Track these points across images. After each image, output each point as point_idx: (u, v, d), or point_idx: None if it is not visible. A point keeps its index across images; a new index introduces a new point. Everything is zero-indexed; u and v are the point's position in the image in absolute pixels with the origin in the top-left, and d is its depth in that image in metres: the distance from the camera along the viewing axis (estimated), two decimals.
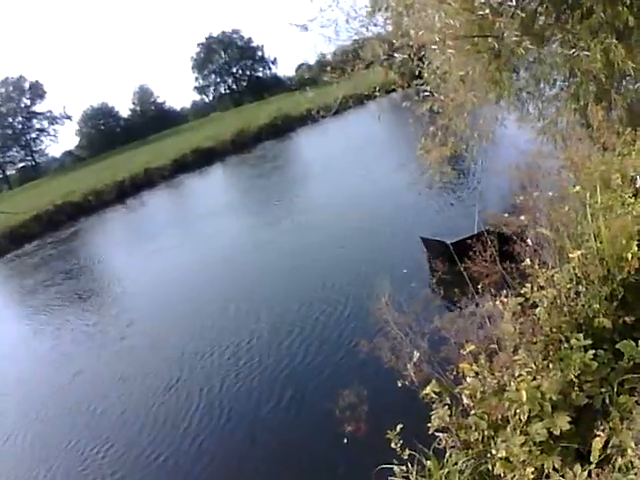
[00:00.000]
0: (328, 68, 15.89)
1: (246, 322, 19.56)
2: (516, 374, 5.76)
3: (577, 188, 9.74)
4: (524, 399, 5.30)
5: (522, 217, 9.82)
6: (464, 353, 6.36)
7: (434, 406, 6.23)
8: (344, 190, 33.94)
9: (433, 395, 6.30)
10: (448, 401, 6.28)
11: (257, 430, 13.70)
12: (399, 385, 6.83)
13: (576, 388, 5.56)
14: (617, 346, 5.99)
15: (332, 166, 42.22)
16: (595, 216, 8.58)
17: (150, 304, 26.31)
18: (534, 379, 5.51)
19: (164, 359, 19.24)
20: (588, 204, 8.87)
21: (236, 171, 60.07)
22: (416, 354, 6.78)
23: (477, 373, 6.05)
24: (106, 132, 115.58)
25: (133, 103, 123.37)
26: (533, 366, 5.66)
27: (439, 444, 6.16)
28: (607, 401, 5.57)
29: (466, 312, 7.56)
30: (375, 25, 15.22)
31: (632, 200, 8.88)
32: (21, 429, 17.50)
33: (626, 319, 6.65)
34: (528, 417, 5.33)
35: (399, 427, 6.44)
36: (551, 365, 5.75)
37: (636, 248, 7.17)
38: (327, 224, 28.52)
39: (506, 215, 10.33)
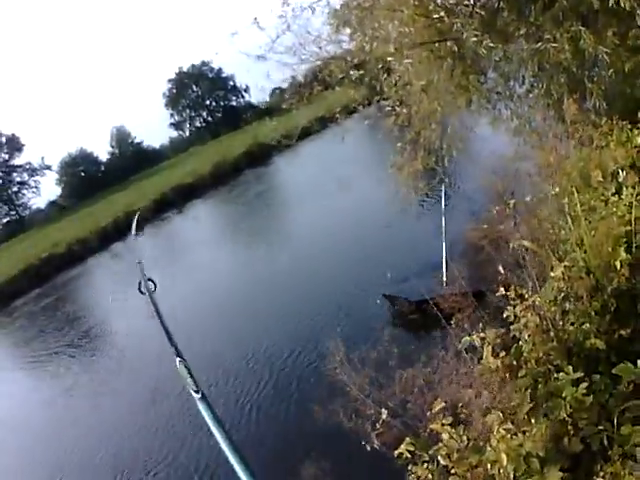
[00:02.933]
0: (285, 96, 15.51)
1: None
2: (494, 431, 5.00)
3: (555, 190, 9.13)
4: (504, 462, 4.57)
5: (501, 227, 9.27)
6: (433, 412, 5.63)
7: (410, 467, 5.52)
8: (315, 226, 33.84)
9: (408, 455, 5.56)
10: (426, 459, 5.56)
11: None
12: (367, 449, 6.13)
13: (570, 428, 4.83)
14: (614, 371, 5.22)
15: (305, 196, 42.24)
16: (577, 220, 7.91)
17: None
18: (514, 435, 4.77)
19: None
20: (568, 207, 8.21)
21: (215, 207, 60.14)
22: (384, 412, 6.05)
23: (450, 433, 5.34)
24: (87, 178, 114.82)
25: (111, 146, 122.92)
26: (510, 425, 4.87)
27: None
28: (606, 440, 4.81)
29: (441, 356, 6.90)
30: (333, 43, 14.75)
31: (615, 198, 8.20)
32: None
33: (622, 332, 6.02)
34: (514, 476, 4.59)
35: None
36: (537, 411, 5.00)
37: (624, 254, 6.49)
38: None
39: (485, 227, 9.78)
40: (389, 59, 13.03)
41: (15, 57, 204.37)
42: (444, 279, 14.16)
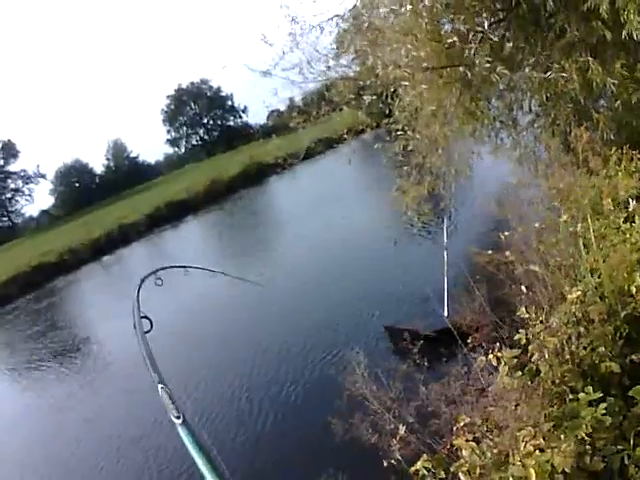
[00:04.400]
0: (293, 114, 15.44)
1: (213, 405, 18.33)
2: (521, 447, 4.99)
3: (565, 217, 9.17)
4: (532, 478, 4.54)
5: (507, 253, 9.26)
6: (457, 427, 5.62)
7: None
8: (311, 252, 32.67)
9: (424, 471, 5.53)
10: (443, 476, 5.54)
11: None
12: (384, 465, 6.09)
13: (588, 447, 4.82)
14: (630, 393, 5.27)
15: (301, 219, 41.51)
16: (589, 247, 7.96)
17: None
18: (542, 451, 4.76)
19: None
20: (580, 234, 8.25)
21: (208, 225, 59.53)
22: (402, 428, 6.03)
23: (473, 448, 5.32)
24: (81, 189, 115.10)
25: (107, 158, 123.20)
26: (541, 440, 4.86)
27: None
28: (626, 460, 4.82)
29: (456, 374, 6.86)
30: (340, 66, 14.79)
31: (627, 226, 8.26)
32: None
33: (633, 358, 6.03)
34: None
35: None
36: (558, 430, 4.99)
37: (639, 280, 6.54)
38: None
39: (490, 252, 9.76)
40: (400, 82, 13.02)
41: (15, 63, 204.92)
42: (445, 310, 13.99)
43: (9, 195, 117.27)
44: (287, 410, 16.12)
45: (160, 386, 3.76)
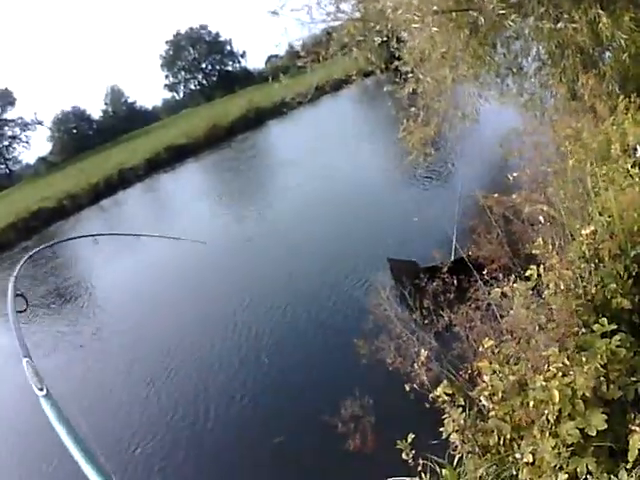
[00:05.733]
0: (302, 53, 15.38)
1: (229, 325, 18.73)
2: (544, 369, 5.17)
3: (572, 161, 9.27)
4: (556, 399, 4.73)
5: (514, 196, 9.36)
6: (482, 350, 5.78)
7: (447, 409, 5.68)
8: (312, 193, 32.29)
9: (445, 397, 5.72)
10: (462, 403, 5.73)
11: (256, 449, 12.97)
12: (407, 389, 6.27)
13: (603, 379, 5.00)
14: None
15: (305, 161, 40.77)
16: (598, 189, 8.10)
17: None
18: (564, 375, 4.93)
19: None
20: (589, 176, 8.38)
21: (209, 167, 59.01)
22: (424, 352, 6.18)
23: (495, 371, 5.50)
24: (78, 135, 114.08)
25: (105, 104, 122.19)
26: (566, 360, 5.03)
27: (454, 450, 5.60)
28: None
29: (474, 303, 7.00)
30: (348, 5, 14.74)
31: (636, 170, 8.39)
32: None
33: None
34: (557, 417, 4.77)
35: (410, 437, 5.85)
36: (577, 356, 5.16)
37: None
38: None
39: (495, 195, 9.85)
40: (410, 25, 12.99)
41: (10, 10, 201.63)
42: (453, 247, 14.03)
43: (6, 143, 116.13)
44: (313, 332, 16.53)
45: (25, 360, 3.75)
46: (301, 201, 31.34)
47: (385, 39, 14.38)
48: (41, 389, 3.32)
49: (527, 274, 6.63)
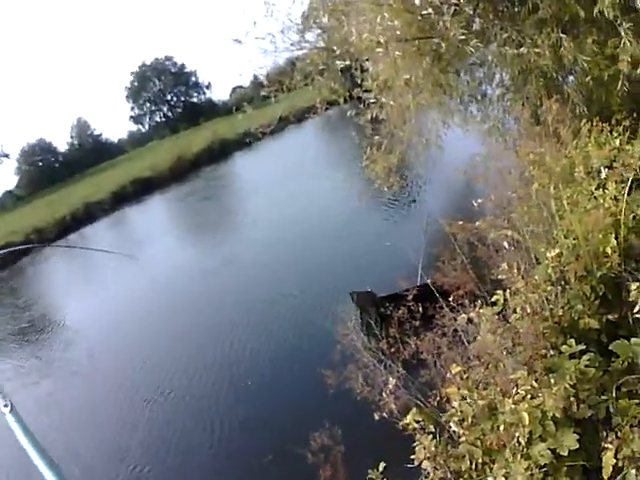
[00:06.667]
0: (265, 83, 15.39)
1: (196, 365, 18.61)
2: (513, 393, 5.13)
3: (536, 185, 9.32)
4: (526, 422, 4.69)
5: (478, 222, 9.36)
6: (450, 376, 5.74)
7: (417, 436, 5.60)
8: (272, 228, 32.55)
9: (415, 424, 5.66)
10: (432, 429, 5.67)
11: None
12: (376, 418, 6.21)
13: (572, 399, 4.98)
14: (611, 347, 5.53)
15: (268, 193, 41.18)
16: (562, 212, 8.13)
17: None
18: (533, 397, 4.90)
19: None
20: (553, 199, 8.41)
21: (175, 200, 58.74)
22: (392, 381, 6.14)
23: (464, 397, 5.45)
24: (45, 168, 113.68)
25: (71, 137, 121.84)
26: (534, 383, 5.00)
27: (426, 477, 5.52)
28: (610, 409, 5.00)
29: (441, 330, 6.98)
30: (312, 34, 14.80)
31: (600, 192, 8.45)
32: None
33: (609, 317, 6.25)
34: (528, 439, 4.72)
35: (382, 465, 5.78)
36: (544, 378, 5.15)
37: (614, 242, 6.72)
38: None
39: (460, 222, 9.85)
40: (375, 51, 13.02)
41: None
42: (419, 274, 13.95)
43: None
44: (279, 364, 16.54)
45: None
46: (266, 234, 31.49)
47: (349, 67, 14.43)
48: (6, 405, 3.33)
49: (494, 299, 6.63)
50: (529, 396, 4.91)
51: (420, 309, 8.19)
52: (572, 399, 4.91)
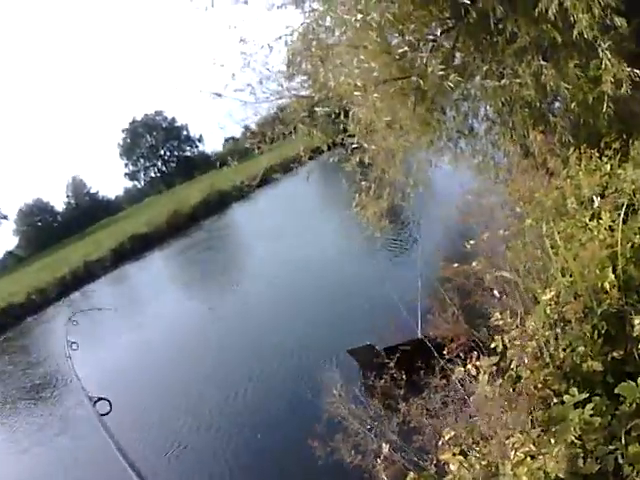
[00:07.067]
0: (247, 134, 15.28)
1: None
2: (510, 455, 4.79)
3: (529, 221, 9.07)
4: None
5: (474, 263, 9.10)
6: (443, 441, 5.42)
7: None
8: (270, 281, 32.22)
9: None
10: None
11: None
12: None
13: (579, 450, 4.64)
14: (617, 390, 5.18)
15: (263, 246, 41.48)
16: (556, 248, 7.84)
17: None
18: (533, 458, 4.57)
19: None
20: (546, 236, 8.13)
21: (174, 255, 58.78)
22: (385, 446, 5.81)
23: (461, 462, 5.11)
24: (43, 228, 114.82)
25: (67, 196, 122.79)
26: (531, 446, 4.66)
27: None
28: (620, 459, 4.64)
29: (435, 386, 6.68)
30: (293, 85, 14.66)
31: (594, 223, 8.16)
32: None
33: (614, 354, 5.92)
34: None
35: None
36: (547, 434, 4.81)
37: (612, 276, 6.42)
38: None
39: (456, 265, 9.60)
40: (354, 94, 12.83)
41: None
42: (419, 323, 13.58)
43: None
44: (265, 435, 15.96)
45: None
46: (263, 289, 31.18)
47: (332, 113, 14.27)
48: None
49: (493, 345, 6.35)
50: (528, 458, 4.57)
51: (418, 362, 7.93)
52: (579, 451, 4.59)
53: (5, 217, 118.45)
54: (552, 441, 4.62)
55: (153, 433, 18.95)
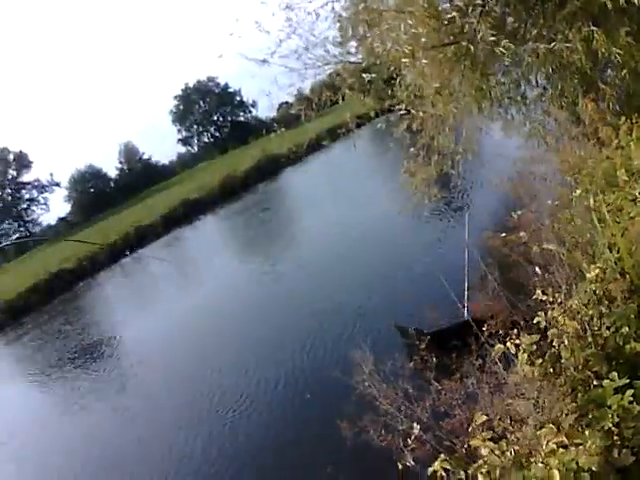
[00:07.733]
0: (296, 101, 15.16)
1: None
2: (543, 445, 4.61)
3: (578, 191, 8.78)
4: (556, 478, 4.16)
5: (522, 233, 8.89)
6: (474, 426, 5.26)
7: None
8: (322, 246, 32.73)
9: (443, 473, 5.17)
10: (462, 476, 5.18)
11: None
12: (399, 467, 5.74)
13: (616, 438, 4.44)
14: None
15: (316, 212, 41.13)
16: (605, 221, 7.57)
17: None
18: (566, 447, 4.39)
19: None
20: (594, 208, 7.86)
21: (226, 220, 59.23)
22: (416, 427, 5.67)
23: (492, 449, 4.94)
24: (96, 194, 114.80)
25: (120, 162, 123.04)
26: (564, 437, 4.47)
27: None
28: None
29: (470, 369, 6.54)
30: (340, 48, 14.42)
31: None
32: None
33: None
34: None
35: None
36: (584, 419, 4.62)
37: None
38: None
39: (503, 235, 9.40)
40: (403, 60, 12.59)
41: (23, 73, 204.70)
42: (465, 304, 13.26)
43: (24, 205, 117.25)
44: (297, 414, 16.25)
45: None
46: (314, 256, 31.40)
47: (380, 79, 14.06)
48: None
49: (534, 322, 6.15)
50: (560, 449, 4.39)
51: (464, 341, 7.78)
52: (616, 438, 4.40)
53: (57, 184, 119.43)
54: (586, 433, 4.43)
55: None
